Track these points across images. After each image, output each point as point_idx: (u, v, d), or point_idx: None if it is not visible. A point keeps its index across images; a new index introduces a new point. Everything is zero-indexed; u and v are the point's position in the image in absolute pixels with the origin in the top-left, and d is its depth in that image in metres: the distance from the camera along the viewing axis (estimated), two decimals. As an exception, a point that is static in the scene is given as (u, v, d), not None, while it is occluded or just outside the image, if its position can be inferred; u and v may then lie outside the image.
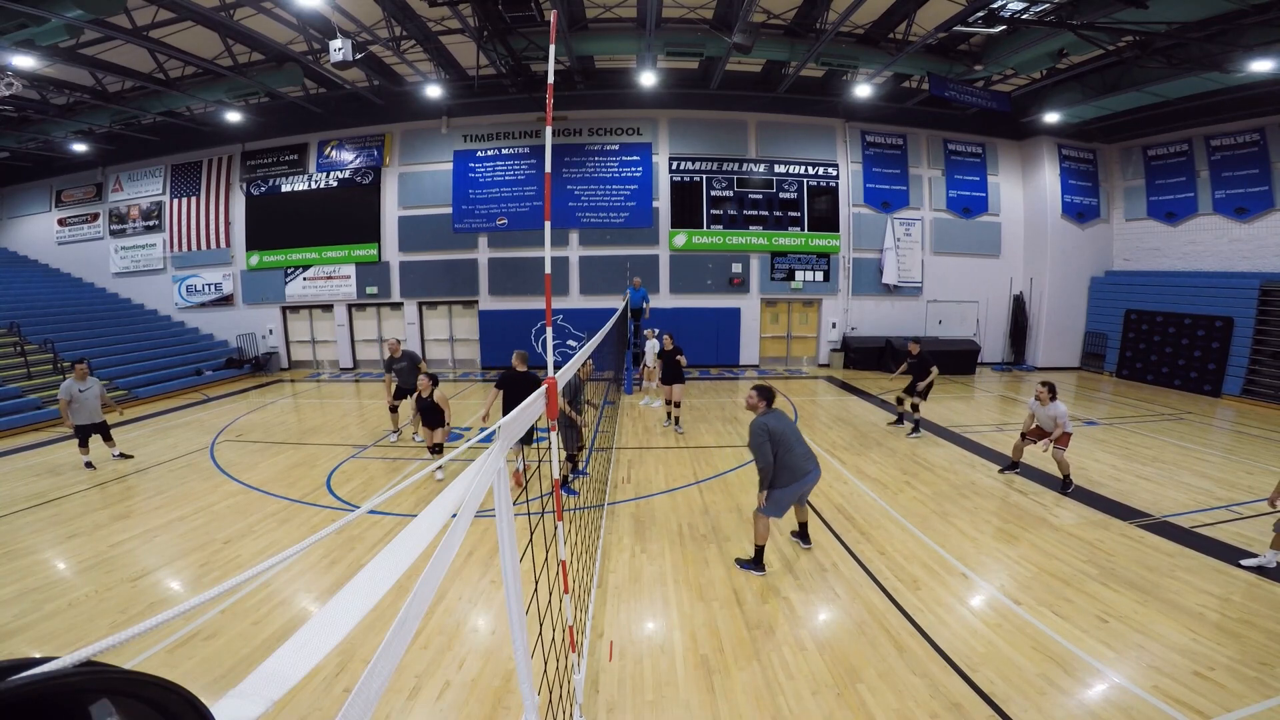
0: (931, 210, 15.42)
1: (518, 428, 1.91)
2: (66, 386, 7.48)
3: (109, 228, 16.88)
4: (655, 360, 11.32)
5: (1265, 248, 12.42)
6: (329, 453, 8.37)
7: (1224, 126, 12.89)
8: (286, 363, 16.42)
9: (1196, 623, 4.04)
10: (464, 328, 15.87)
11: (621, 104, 14.54)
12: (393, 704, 3.31)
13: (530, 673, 1.96)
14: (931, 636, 3.93)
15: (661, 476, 7.16)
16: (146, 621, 0.60)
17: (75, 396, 7.48)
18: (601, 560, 5.04)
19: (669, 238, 14.91)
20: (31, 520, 6.05)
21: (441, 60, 12.14)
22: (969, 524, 5.73)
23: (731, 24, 10.03)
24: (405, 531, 1.08)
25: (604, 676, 3.59)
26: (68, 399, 7.45)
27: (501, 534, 1.80)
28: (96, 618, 4.25)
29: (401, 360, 8.66)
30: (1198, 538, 5.37)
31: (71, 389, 7.47)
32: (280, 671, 0.68)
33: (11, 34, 8.36)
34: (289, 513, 6.19)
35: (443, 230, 15.14)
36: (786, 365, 15.81)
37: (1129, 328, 13.94)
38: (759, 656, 3.75)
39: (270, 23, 10.16)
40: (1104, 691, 3.40)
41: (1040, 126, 14.46)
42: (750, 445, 4.58)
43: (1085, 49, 10.37)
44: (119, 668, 0.45)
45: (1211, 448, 8.47)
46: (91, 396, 7.60)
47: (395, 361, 8.67)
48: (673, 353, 9.23)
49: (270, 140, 15.56)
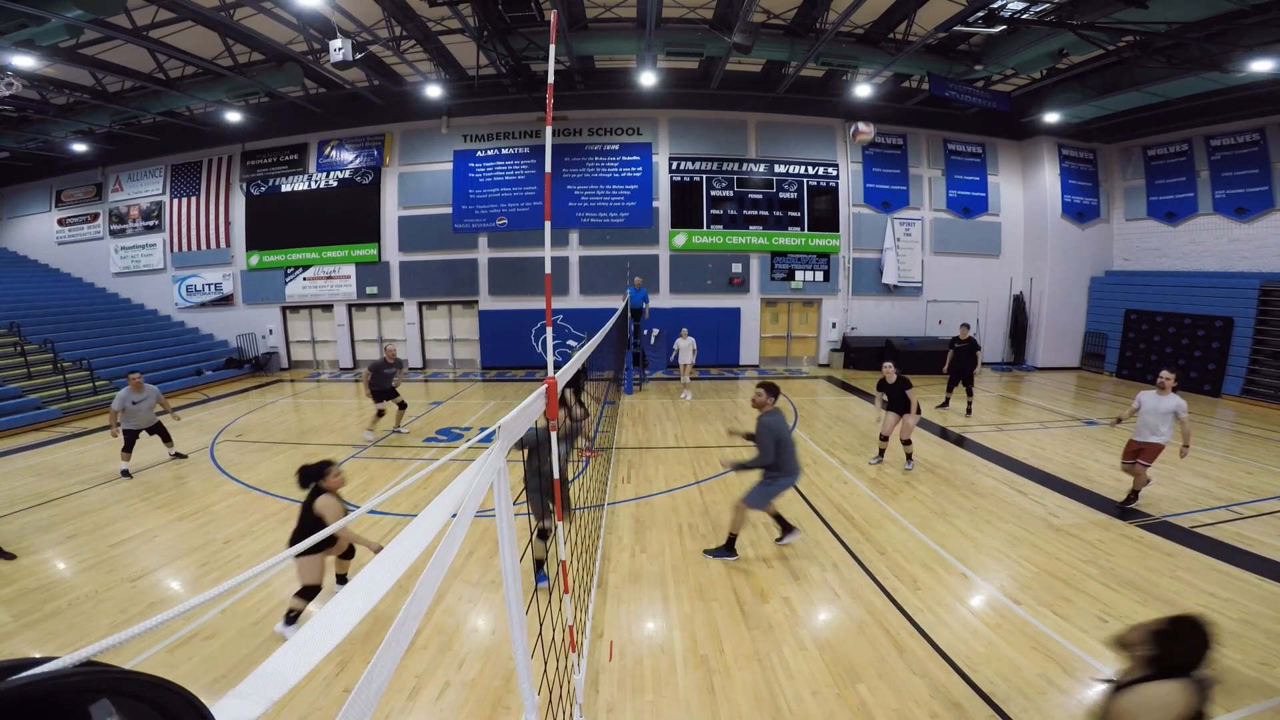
0: (931, 210, 15.42)
1: (517, 428, 1.90)
2: (121, 396, 7.31)
3: (109, 228, 16.88)
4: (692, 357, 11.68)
5: (1265, 248, 12.42)
6: (329, 453, 8.37)
7: (1224, 126, 12.88)
8: (286, 363, 16.42)
9: (1196, 623, 4.04)
10: (464, 328, 15.87)
11: (621, 104, 14.54)
12: (393, 704, 3.31)
13: (530, 673, 1.96)
14: (931, 636, 3.93)
15: (661, 476, 7.16)
16: (146, 621, 0.60)
17: (129, 408, 7.33)
18: (601, 560, 5.04)
19: (669, 238, 14.91)
20: (31, 520, 6.05)
21: (441, 60, 12.14)
22: (969, 524, 5.73)
23: (731, 24, 10.03)
24: (405, 531, 1.08)
25: (604, 676, 3.59)
26: (120, 409, 7.29)
27: (501, 534, 1.80)
28: (96, 618, 4.25)
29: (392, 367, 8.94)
30: (1198, 538, 5.37)
31: (125, 400, 7.32)
32: (280, 671, 0.68)
33: (11, 34, 8.35)
34: (289, 513, 6.17)
35: (443, 230, 15.14)
36: (786, 365, 15.81)
37: (1129, 328, 13.94)
38: (759, 656, 3.75)
39: (270, 23, 10.16)
40: (1104, 692, 3.40)
41: (1040, 126, 14.45)
42: (758, 442, 4.73)
43: (1085, 49, 10.37)
44: (119, 668, 0.45)
45: (1211, 448, 8.46)
46: (145, 407, 7.47)
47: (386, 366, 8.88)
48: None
49: (270, 140, 15.56)
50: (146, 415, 7.53)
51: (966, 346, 8.67)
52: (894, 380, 7.16)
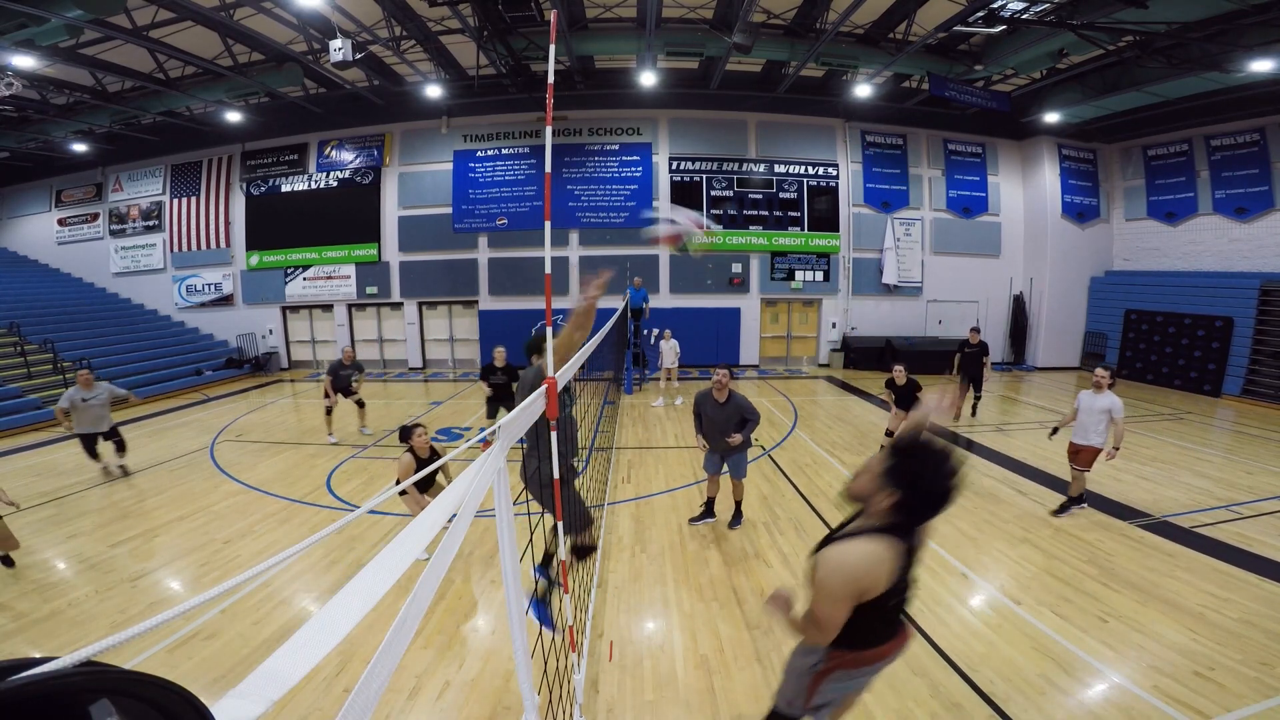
0: (931, 210, 15.42)
1: (517, 428, 1.90)
2: (69, 395, 6.96)
3: (109, 228, 16.88)
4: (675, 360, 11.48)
5: (1265, 248, 12.42)
6: (329, 452, 8.37)
7: (1224, 126, 12.88)
8: (286, 363, 16.43)
9: (1196, 623, 4.04)
10: (464, 328, 15.87)
11: (621, 104, 14.54)
12: (393, 704, 3.31)
13: (530, 673, 1.96)
14: (931, 636, 3.93)
15: (661, 476, 7.16)
16: (146, 621, 0.60)
17: (77, 405, 6.95)
18: (601, 560, 5.04)
19: (669, 238, 14.88)
20: (31, 520, 6.05)
21: (441, 60, 12.14)
22: (969, 524, 5.73)
23: (731, 24, 10.03)
24: (405, 531, 1.08)
25: (604, 676, 3.59)
26: (68, 407, 6.94)
27: (501, 534, 1.80)
28: (96, 618, 4.24)
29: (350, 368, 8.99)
30: (1198, 538, 5.37)
31: (74, 398, 6.94)
32: (280, 671, 0.68)
33: (11, 34, 8.35)
34: (289, 513, 6.19)
35: (443, 230, 15.14)
36: (786, 365, 15.81)
37: (1129, 328, 13.94)
38: (759, 656, 3.75)
39: (270, 23, 10.16)
40: (1104, 691, 3.40)
41: (1040, 126, 14.45)
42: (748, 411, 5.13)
43: (1085, 49, 10.37)
44: (119, 668, 0.45)
45: (1211, 448, 8.47)
46: (97, 404, 7.06)
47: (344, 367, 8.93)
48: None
49: (270, 140, 15.55)
50: (99, 414, 7.07)
51: (977, 351, 8.53)
52: (904, 382, 7.20)
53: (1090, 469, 5.64)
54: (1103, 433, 5.47)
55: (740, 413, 5.14)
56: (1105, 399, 5.43)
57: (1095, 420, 5.48)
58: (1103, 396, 5.45)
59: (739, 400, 5.16)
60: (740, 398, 5.18)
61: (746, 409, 5.14)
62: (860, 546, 1.83)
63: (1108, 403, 5.40)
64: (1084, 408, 5.59)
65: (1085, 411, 5.57)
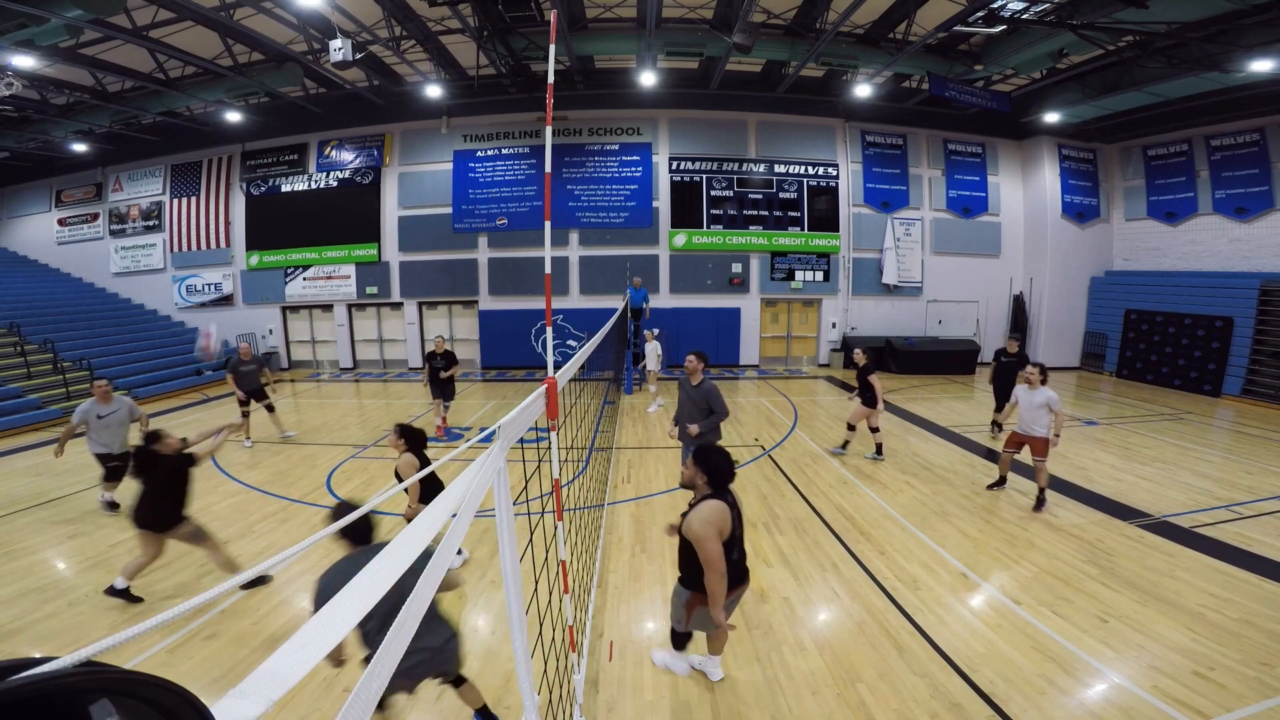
0: (931, 210, 15.42)
1: (517, 428, 1.90)
2: (83, 410, 5.87)
3: (109, 228, 16.88)
4: (658, 362, 11.40)
5: (1265, 248, 12.42)
6: (329, 452, 8.37)
7: (1224, 126, 12.88)
8: (286, 363, 16.42)
9: (1196, 623, 4.04)
10: (464, 328, 15.86)
11: (621, 104, 14.54)
12: (393, 704, 3.30)
13: (530, 673, 1.96)
14: (931, 636, 3.93)
15: (661, 476, 7.16)
16: (146, 621, 0.60)
17: (93, 423, 5.87)
18: (601, 560, 5.04)
19: (669, 238, 14.91)
20: (31, 520, 6.05)
21: (441, 60, 12.13)
22: (969, 524, 5.73)
23: (731, 24, 10.03)
24: (405, 531, 1.08)
25: (604, 676, 3.59)
26: (81, 422, 5.85)
27: (501, 534, 1.80)
28: (96, 618, 4.25)
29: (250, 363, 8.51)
30: (1198, 538, 5.37)
31: (88, 413, 5.85)
32: (280, 671, 0.68)
33: (11, 34, 8.35)
34: (289, 513, 6.19)
35: (443, 230, 15.14)
36: (786, 365, 15.81)
37: (1129, 328, 13.94)
38: (759, 656, 3.75)
39: (270, 23, 10.16)
40: (1104, 691, 3.40)
41: (1040, 126, 14.46)
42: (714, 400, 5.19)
43: (1085, 49, 10.37)
44: (119, 668, 0.45)
45: (1211, 447, 8.47)
46: (116, 422, 6.01)
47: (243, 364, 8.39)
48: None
49: (270, 140, 15.55)
50: (118, 433, 6.03)
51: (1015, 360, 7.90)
52: (861, 364, 7.48)
53: (1047, 458, 5.97)
54: (1046, 424, 5.87)
55: (708, 400, 5.16)
56: (1041, 394, 5.86)
57: (1036, 415, 5.89)
58: (1038, 392, 5.89)
59: (708, 388, 5.20)
60: (711, 386, 5.21)
61: (715, 399, 5.15)
62: (707, 503, 2.92)
63: (1044, 397, 5.83)
64: (1023, 404, 6.03)
65: (1025, 407, 6.00)
